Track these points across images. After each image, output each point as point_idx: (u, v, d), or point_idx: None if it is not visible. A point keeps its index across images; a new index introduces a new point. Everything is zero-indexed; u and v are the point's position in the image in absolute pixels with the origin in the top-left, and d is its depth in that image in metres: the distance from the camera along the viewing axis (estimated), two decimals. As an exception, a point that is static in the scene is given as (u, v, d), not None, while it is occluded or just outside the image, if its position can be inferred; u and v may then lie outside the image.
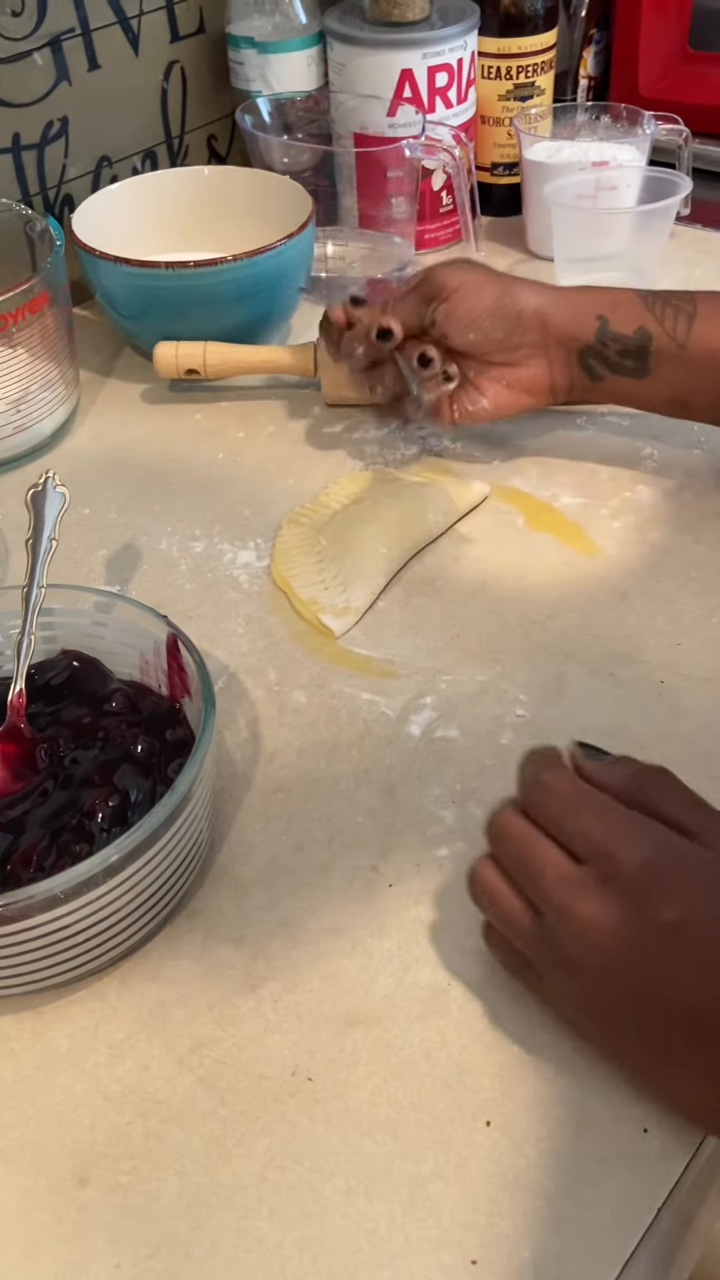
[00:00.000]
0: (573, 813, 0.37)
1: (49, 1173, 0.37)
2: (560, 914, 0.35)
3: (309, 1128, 0.37)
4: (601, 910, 0.34)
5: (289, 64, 0.84)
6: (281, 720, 0.51)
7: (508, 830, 0.38)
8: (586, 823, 0.36)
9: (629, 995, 0.34)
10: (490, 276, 0.61)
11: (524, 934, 0.37)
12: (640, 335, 0.58)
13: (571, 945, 0.35)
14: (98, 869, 0.37)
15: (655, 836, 0.36)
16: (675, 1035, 0.34)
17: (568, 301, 0.60)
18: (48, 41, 0.75)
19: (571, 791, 0.37)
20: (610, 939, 0.34)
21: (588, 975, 0.35)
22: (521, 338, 0.60)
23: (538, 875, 0.36)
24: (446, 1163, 0.36)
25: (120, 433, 0.71)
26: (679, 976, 0.33)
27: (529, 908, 0.37)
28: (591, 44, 0.97)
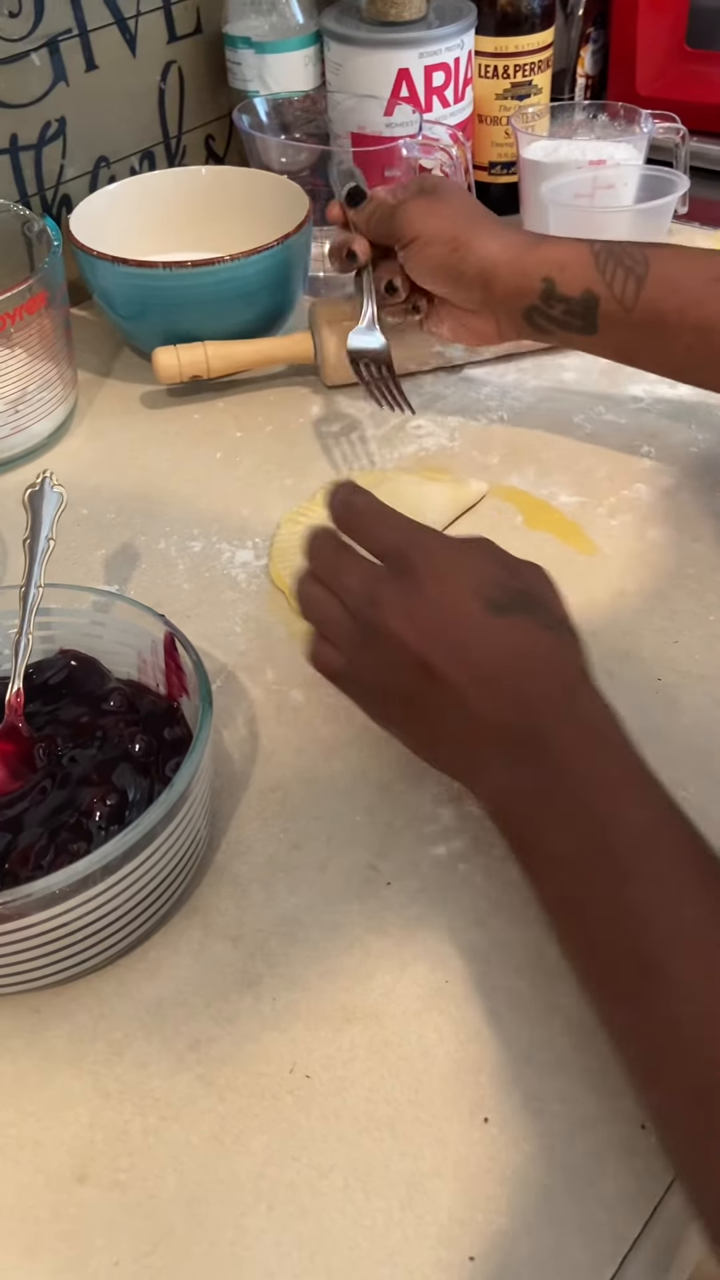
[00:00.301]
0: (374, 522, 0.44)
1: (48, 1170, 0.37)
2: (358, 596, 0.42)
3: (307, 1124, 0.37)
4: (388, 589, 0.42)
5: (286, 64, 0.84)
6: (279, 719, 0.51)
7: (319, 545, 0.45)
8: (388, 531, 0.43)
9: (400, 653, 0.41)
10: (449, 223, 0.61)
11: (333, 625, 0.43)
12: (586, 297, 0.58)
13: (366, 622, 0.42)
14: (96, 867, 0.37)
15: (437, 539, 0.43)
16: (429, 688, 0.40)
17: (515, 260, 0.59)
18: (45, 42, 0.75)
19: (375, 505, 0.44)
20: (392, 609, 0.41)
21: (376, 642, 0.41)
22: (468, 293, 0.62)
23: (346, 575, 0.43)
24: (444, 1159, 0.36)
25: (118, 433, 0.71)
26: (432, 634, 0.40)
27: (340, 605, 0.43)
28: (589, 43, 0.97)
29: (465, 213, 0.61)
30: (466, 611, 0.40)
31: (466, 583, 0.41)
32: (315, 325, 0.71)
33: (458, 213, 0.61)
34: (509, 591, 0.41)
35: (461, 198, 0.63)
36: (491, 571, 0.42)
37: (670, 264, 0.57)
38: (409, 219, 0.62)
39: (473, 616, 0.40)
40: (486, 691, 0.39)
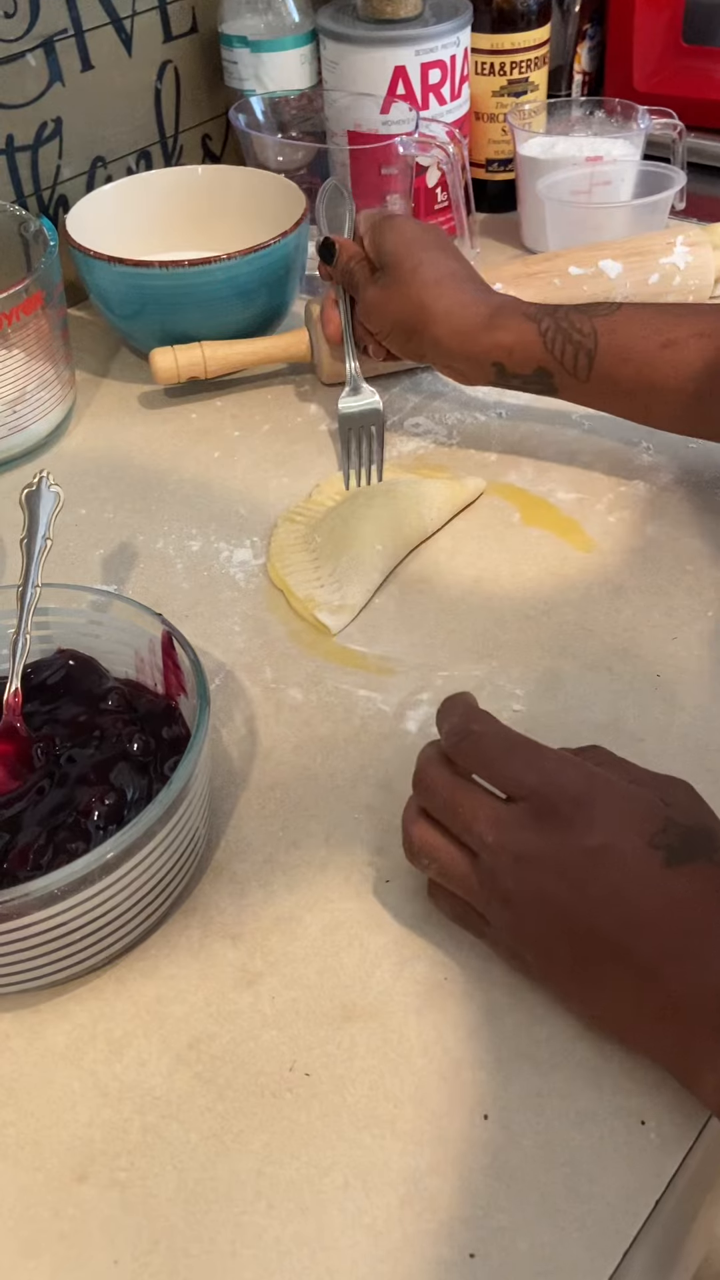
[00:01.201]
0: (504, 757, 0.38)
1: (47, 1169, 0.37)
2: (495, 850, 0.37)
3: (307, 1122, 0.37)
4: (534, 840, 0.36)
5: (282, 62, 0.84)
6: (278, 717, 0.51)
7: (437, 783, 0.39)
8: (518, 766, 0.38)
9: (562, 921, 0.36)
10: (401, 315, 0.61)
11: (464, 880, 0.38)
12: (539, 373, 0.59)
13: (508, 878, 0.36)
14: (94, 866, 0.37)
15: (583, 772, 0.37)
16: (605, 959, 0.35)
17: (464, 347, 0.59)
18: (41, 43, 0.75)
19: (503, 738, 0.39)
20: (542, 867, 0.36)
21: (525, 906, 0.36)
22: (431, 363, 0.63)
23: (471, 819, 0.37)
24: (444, 1156, 0.36)
25: (116, 432, 0.71)
26: (604, 900, 0.35)
27: (466, 854, 0.38)
28: (585, 39, 0.97)
29: (416, 296, 0.60)
30: (640, 867, 0.35)
31: (632, 828, 0.35)
32: (311, 324, 0.71)
33: (409, 299, 0.60)
34: (680, 831, 0.35)
35: (412, 271, 0.60)
36: (653, 809, 0.36)
37: (620, 333, 0.57)
38: (365, 311, 0.64)
39: (649, 873, 0.35)
40: (689, 969, 0.33)
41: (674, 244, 0.74)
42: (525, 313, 0.59)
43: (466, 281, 0.61)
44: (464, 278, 0.61)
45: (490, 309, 0.59)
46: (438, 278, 0.60)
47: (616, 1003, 0.36)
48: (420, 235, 0.62)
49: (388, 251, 0.62)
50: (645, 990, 0.34)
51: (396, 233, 0.62)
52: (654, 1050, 0.37)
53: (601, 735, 0.49)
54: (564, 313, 0.58)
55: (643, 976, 0.34)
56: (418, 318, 0.60)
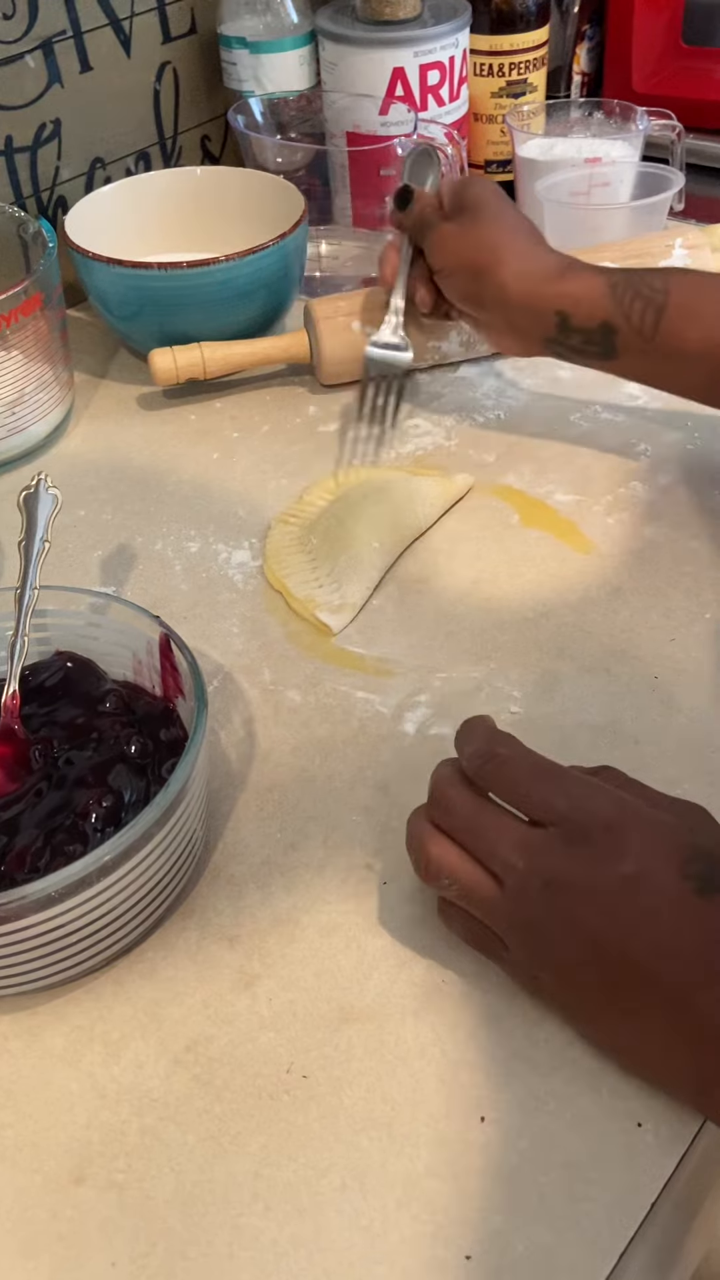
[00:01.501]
0: (532, 781, 0.38)
1: (45, 1171, 0.37)
2: (525, 875, 0.36)
3: (304, 1124, 0.37)
4: (565, 866, 0.35)
5: (281, 64, 0.84)
6: (276, 719, 0.51)
7: (457, 803, 0.38)
8: (547, 790, 0.37)
9: (592, 948, 0.35)
10: (472, 253, 0.61)
11: (486, 903, 0.37)
12: (603, 328, 0.58)
13: (537, 904, 0.36)
14: (92, 869, 0.37)
15: (612, 799, 0.37)
16: (635, 987, 0.35)
17: (530, 294, 0.59)
18: (39, 44, 0.75)
19: (529, 762, 0.38)
20: (574, 893, 0.35)
21: (552, 931, 0.36)
22: (490, 318, 0.62)
23: (497, 843, 0.37)
24: (441, 1158, 0.36)
25: (115, 434, 0.71)
26: (636, 928, 0.34)
27: (489, 876, 0.37)
28: (584, 40, 0.97)
29: (491, 238, 0.60)
30: (673, 896, 0.34)
31: (663, 857, 0.35)
32: (311, 325, 0.71)
33: (482, 239, 0.61)
34: (709, 860, 0.35)
35: (493, 217, 0.61)
36: (682, 837, 0.36)
37: (691, 292, 0.56)
38: (435, 245, 0.63)
39: (681, 902, 0.34)
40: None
41: (673, 246, 0.74)
42: (595, 269, 0.59)
43: (540, 240, 0.62)
44: (538, 237, 0.62)
45: (562, 263, 0.60)
46: (514, 226, 0.61)
47: (643, 1032, 0.35)
48: (502, 195, 0.64)
49: (471, 195, 0.63)
50: (675, 1018, 0.34)
51: (482, 184, 0.63)
52: (680, 1081, 0.36)
53: (599, 737, 0.49)
54: (636, 271, 0.58)
55: (673, 1004, 0.34)
56: (489, 258, 0.60)
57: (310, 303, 0.71)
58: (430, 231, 0.63)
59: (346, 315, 0.70)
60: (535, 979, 0.38)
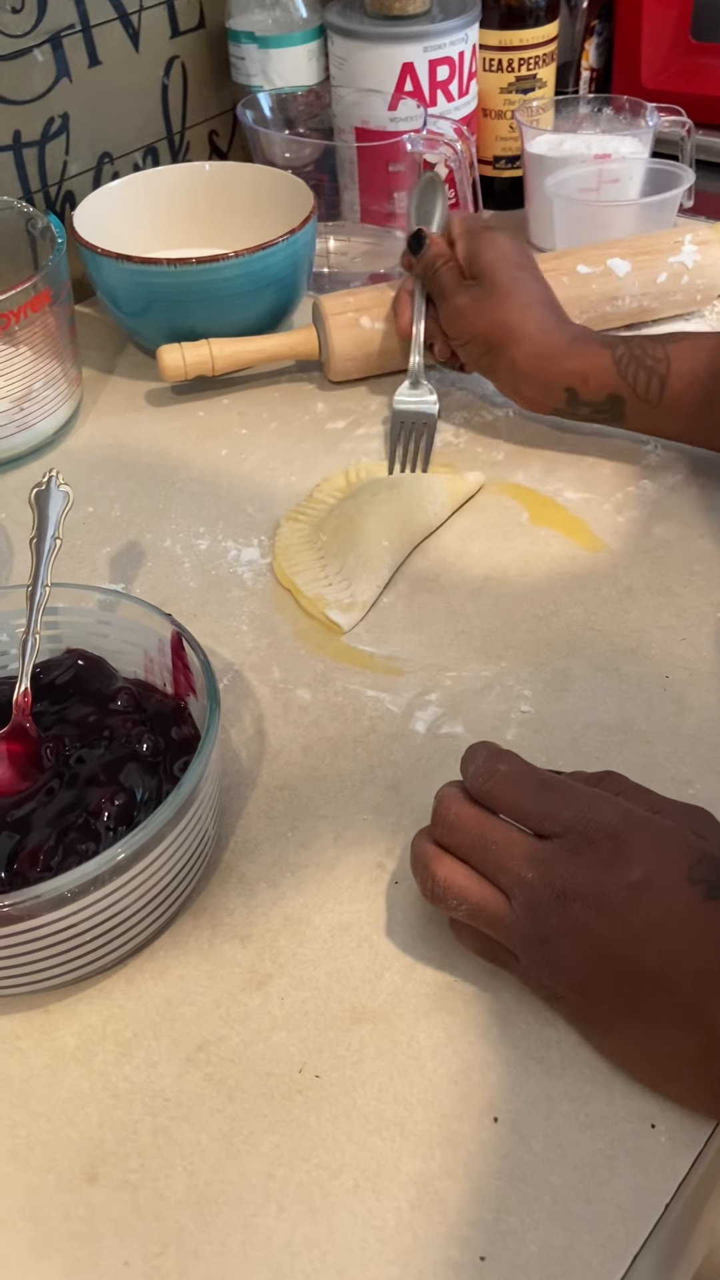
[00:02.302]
0: (536, 795, 0.38)
1: (57, 1170, 0.37)
2: (536, 887, 0.36)
3: (316, 1125, 0.37)
4: (575, 875, 0.36)
5: (290, 59, 0.84)
6: (286, 718, 0.51)
7: (463, 821, 0.38)
8: (552, 803, 0.37)
9: (605, 958, 0.35)
10: (486, 328, 0.62)
11: (497, 919, 0.37)
12: (611, 400, 0.60)
13: (549, 915, 0.36)
14: (104, 868, 0.37)
15: (618, 808, 0.37)
16: (648, 995, 0.35)
17: (541, 371, 0.61)
18: (48, 38, 0.75)
19: (532, 776, 0.39)
20: (584, 903, 0.35)
21: (565, 942, 0.36)
22: (504, 386, 0.65)
23: (505, 857, 0.37)
24: (454, 1159, 0.36)
25: (123, 430, 0.71)
26: (647, 935, 0.35)
27: (497, 892, 0.37)
28: (593, 36, 0.96)
29: (504, 317, 0.62)
30: (681, 902, 0.35)
31: (670, 863, 0.35)
32: (320, 321, 0.71)
33: (493, 316, 0.62)
34: (715, 865, 0.35)
35: (505, 292, 0.62)
36: (688, 843, 0.36)
37: (693, 358, 0.59)
38: (448, 320, 0.64)
39: (690, 908, 0.35)
40: None
41: (682, 243, 0.74)
42: (601, 341, 0.61)
43: (550, 308, 0.63)
44: (549, 304, 0.63)
45: (569, 337, 0.61)
46: (528, 302, 0.62)
47: (658, 1041, 0.35)
48: (514, 254, 0.64)
49: (484, 265, 0.63)
50: (689, 1027, 0.34)
51: (494, 249, 0.64)
52: (696, 1091, 0.36)
53: (610, 736, 0.49)
54: (638, 341, 0.60)
55: (687, 1013, 0.34)
56: (502, 336, 0.62)
57: (319, 299, 0.71)
58: (444, 303, 0.65)
59: (355, 311, 0.70)
60: (549, 989, 0.38)
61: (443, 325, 0.66)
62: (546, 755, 0.48)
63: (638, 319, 0.75)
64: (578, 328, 0.62)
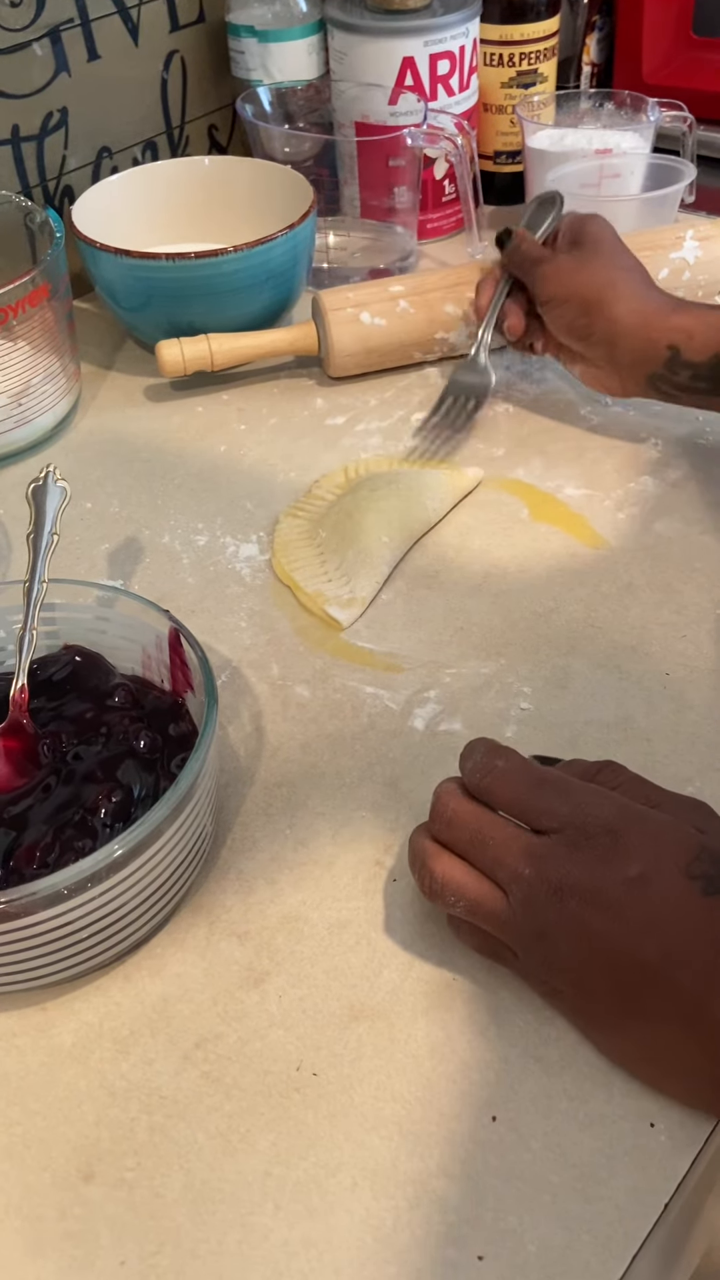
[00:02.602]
0: (533, 791, 0.38)
1: (53, 1168, 0.36)
2: (533, 883, 0.36)
3: (314, 1123, 0.37)
4: (572, 871, 0.35)
5: (290, 53, 0.83)
6: (285, 715, 0.51)
7: (460, 817, 0.38)
8: (549, 799, 0.37)
9: (602, 953, 0.35)
10: (584, 287, 0.61)
11: (495, 915, 0.37)
12: (714, 360, 0.58)
13: (546, 911, 0.36)
14: (102, 864, 0.36)
15: (616, 803, 0.37)
16: (647, 991, 0.34)
17: (642, 328, 0.60)
18: (47, 32, 0.75)
19: (529, 772, 0.38)
20: (581, 898, 0.35)
21: (562, 938, 0.36)
22: (595, 353, 0.62)
23: (503, 852, 0.37)
24: (452, 1158, 0.36)
25: (122, 426, 0.71)
26: (645, 931, 0.34)
27: (495, 888, 0.37)
28: (594, 30, 0.96)
29: (603, 274, 0.61)
30: (679, 897, 0.34)
31: (668, 858, 0.35)
32: (320, 317, 0.70)
33: (595, 274, 0.61)
34: (713, 859, 0.35)
35: (609, 254, 0.62)
36: (686, 837, 0.36)
37: None
38: (545, 279, 0.63)
39: (688, 903, 0.34)
40: None
41: (684, 238, 0.73)
42: (708, 306, 0.60)
43: (652, 282, 0.63)
44: (651, 279, 0.63)
45: (675, 300, 0.61)
46: (630, 265, 0.62)
47: (657, 1036, 0.35)
48: (615, 232, 0.65)
49: (591, 232, 0.64)
50: (689, 1024, 0.34)
51: (601, 222, 0.65)
52: (696, 1088, 0.36)
53: (610, 734, 0.49)
54: None
55: (686, 1010, 0.34)
56: (604, 292, 0.61)
57: (319, 294, 0.71)
58: (542, 264, 0.64)
59: (355, 307, 0.70)
60: (548, 985, 0.38)
61: (537, 291, 0.64)
62: (546, 753, 0.48)
63: (638, 315, 0.75)
64: (679, 297, 0.62)
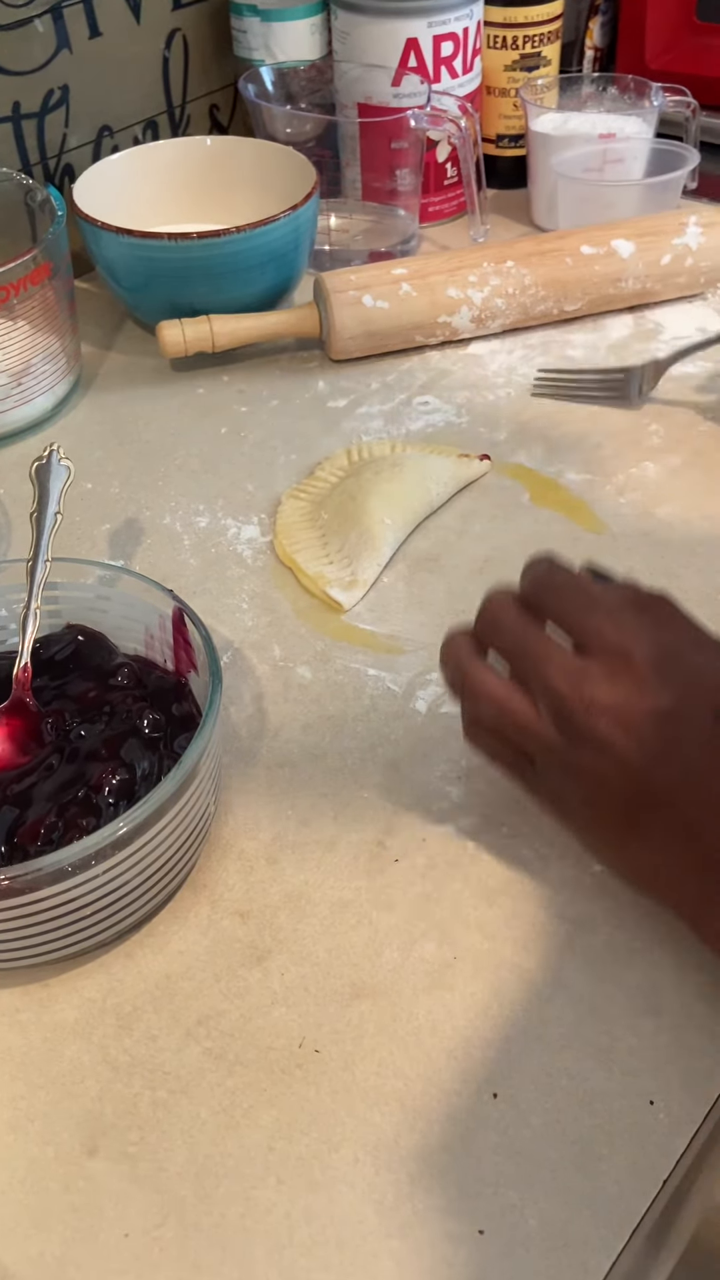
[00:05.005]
0: (585, 612, 0.38)
1: (57, 1142, 0.37)
2: (564, 698, 0.37)
3: (316, 1099, 0.37)
4: (606, 693, 0.36)
5: (292, 32, 0.83)
6: (287, 696, 0.51)
7: (507, 623, 0.39)
8: (599, 622, 0.38)
9: (618, 772, 0.36)
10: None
11: (522, 722, 0.38)
12: None
13: (571, 725, 0.37)
14: (105, 842, 0.37)
15: (661, 639, 0.37)
16: (652, 812, 0.36)
17: None
18: (48, 8, 0.74)
19: (585, 592, 0.39)
20: (609, 719, 0.36)
21: (585, 753, 0.37)
22: None
23: (543, 663, 0.37)
24: (453, 1134, 0.36)
25: (122, 406, 0.70)
26: (663, 758, 0.35)
27: (527, 696, 0.38)
28: (598, 14, 0.96)
29: None
30: (703, 733, 0.35)
31: (701, 698, 0.36)
32: (322, 299, 0.70)
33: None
34: None
35: None
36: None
37: None
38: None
39: (711, 740, 0.35)
40: None
41: (687, 224, 0.73)
42: None
43: None
44: None
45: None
46: None
47: (654, 853, 0.37)
48: None
49: None
50: (686, 846, 0.35)
51: None
52: (684, 905, 0.37)
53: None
54: None
55: (686, 832, 0.35)
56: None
57: (321, 276, 0.71)
58: None
59: (358, 289, 0.70)
60: (558, 798, 0.39)
61: None
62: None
63: (640, 300, 0.75)
64: None
